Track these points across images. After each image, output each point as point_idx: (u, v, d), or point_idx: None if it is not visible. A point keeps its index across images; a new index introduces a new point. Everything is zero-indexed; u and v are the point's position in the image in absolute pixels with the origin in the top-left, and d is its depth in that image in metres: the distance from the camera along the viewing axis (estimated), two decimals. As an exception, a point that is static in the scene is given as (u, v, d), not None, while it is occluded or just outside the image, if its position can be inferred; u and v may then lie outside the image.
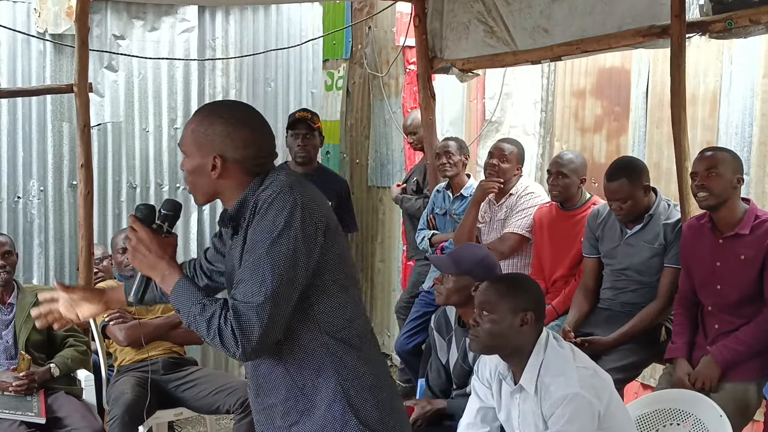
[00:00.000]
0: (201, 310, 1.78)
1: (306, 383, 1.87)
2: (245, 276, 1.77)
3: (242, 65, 5.35)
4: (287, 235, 1.76)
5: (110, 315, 3.85)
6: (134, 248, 1.91)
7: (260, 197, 1.83)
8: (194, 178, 1.94)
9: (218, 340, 1.75)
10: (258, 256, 1.76)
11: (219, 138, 1.89)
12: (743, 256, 3.06)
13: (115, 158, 5.04)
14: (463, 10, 4.47)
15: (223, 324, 1.74)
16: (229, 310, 1.75)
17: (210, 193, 1.95)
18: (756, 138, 4.02)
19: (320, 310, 1.86)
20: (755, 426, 3.53)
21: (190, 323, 1.81)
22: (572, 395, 2.31)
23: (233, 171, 1.90)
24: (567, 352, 2.46)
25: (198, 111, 2.01)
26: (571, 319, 3.68)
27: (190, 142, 1.93)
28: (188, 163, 1.94)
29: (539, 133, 5.32)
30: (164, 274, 1.87)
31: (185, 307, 1.81)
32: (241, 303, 1.75)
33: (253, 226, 1.81)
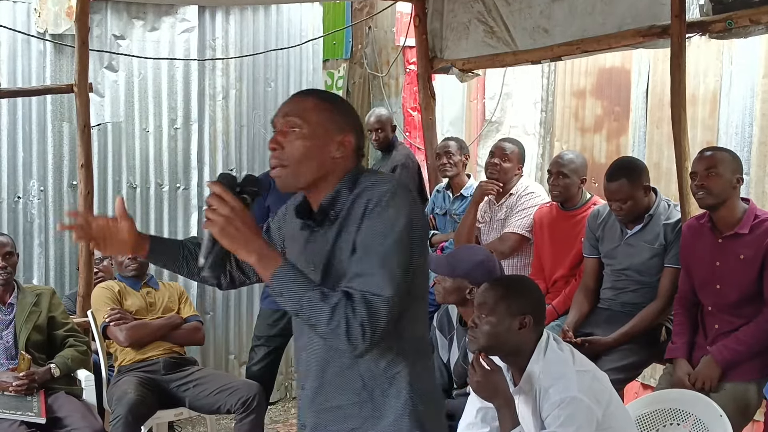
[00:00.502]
0: (321, 296, 1.66)
1: (376, 389, 1.80)
2: (369, 269, 1.68)
3: (242, 65, 5.35)
4: (409, 233, 1.72)
5: (111, 316, 3.85)
6: (227, 219, 1.66)
7: (372, 193, 1.75)
8: (305, 156, 1.79)
9: (343, 329, 1.65)
10: (385, 249, 1.69)
11: (353, 120, 1.85)
12: (743, 255, 3.06)
13: (115, 158, 5.04)
14: (463, 10, 4.47)
15: (351, 314, 1.65)
16: (356, 300, 1.66)
17: (315, 176, 1.81)
18: (756, 138, 4.02)
19: (407, 316, 1.79)
20: (755, 426, 3.53)
21: (301, 310, 1.68)
22: (570, 398, 2.31)
23: (350, 157, 1.83)
24: (567, 355, 2.45)
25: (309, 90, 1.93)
26: (571, 320, 3.68)
27: (313, 116, 1.79)
28: (300, 138, 1.79)
29: (539, 133, 5.33)
30: (262, 254, 1.68)
31: (296, 292, 1.67)
32: (369, 294, 1.66)
33: (371, 219, 1.72)
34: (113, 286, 4.02)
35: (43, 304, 3.78)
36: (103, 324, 3.88)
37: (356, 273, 1.70)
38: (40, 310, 3.75)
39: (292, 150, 1.80)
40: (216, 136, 5.32)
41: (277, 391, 5.31)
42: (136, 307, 3.98)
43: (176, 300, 4.13)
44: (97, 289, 4.04)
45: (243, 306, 5.50)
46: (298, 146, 1.79)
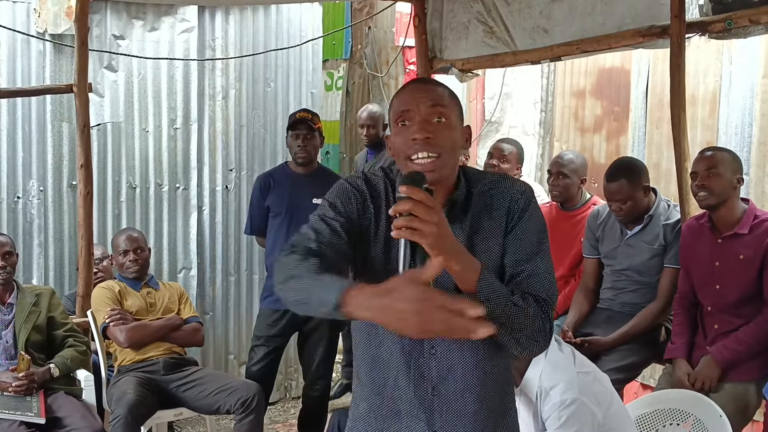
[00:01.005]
0: (523, 300, 1.62)
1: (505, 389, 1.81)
2: (542, 270, 1.67)
3: (242, 65, 5.35)
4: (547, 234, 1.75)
5: (111, 316, 3.85)
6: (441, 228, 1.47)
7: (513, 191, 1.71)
8: (454, 145, 1.71)
9: (543, 332, 1.64)
10: (544, 250, 1.69)
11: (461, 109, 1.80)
12: (742, 255, 3.06)
13: (114, 158, 5.03)
14: (463, 10, 4.47)
15: (545, 316, 1.64)
16: (542, 302, 1.64)
17: (454, 167, 1.73)
18: (756, 138, 4.03)
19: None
20: (755, 426, 3.54)
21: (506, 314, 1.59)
22: (571, 400, 2.31)
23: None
24: (568, 356, 2.45)
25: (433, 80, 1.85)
26: (571, 320, 3.68)
27: (452, 106, 1.73)
28: (449, 128, 1.70)
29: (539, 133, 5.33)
30: (467, 261, 1.56)
31: (502, 297, 1.59)
32: (550, 296, 1.66)
33: (525, 220, 1.69)
34: (113, 286, 4.02)
35: (42, 304, 3.78)
36: (103, 324, 3.88)
37: (530, 273, 1.66)
38: (39, 310, 3.75)
39: (443, 140, 1.68)
40: (216, 136, 5.32)
41: (276, 391, 5.31)
42: (136, 307, 3.98)
43: (176, 300, 4.13)
44: (98, 289, 4.04)
45: (243, 306, 5.50)
46: (447, 136, 1.69)
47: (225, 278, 5.41)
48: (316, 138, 4.18)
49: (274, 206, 4.21)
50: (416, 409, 1.74)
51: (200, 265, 5.31)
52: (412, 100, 1.72)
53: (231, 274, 5.44)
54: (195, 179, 5.25)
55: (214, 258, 5.36)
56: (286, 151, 4.65)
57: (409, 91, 1.76)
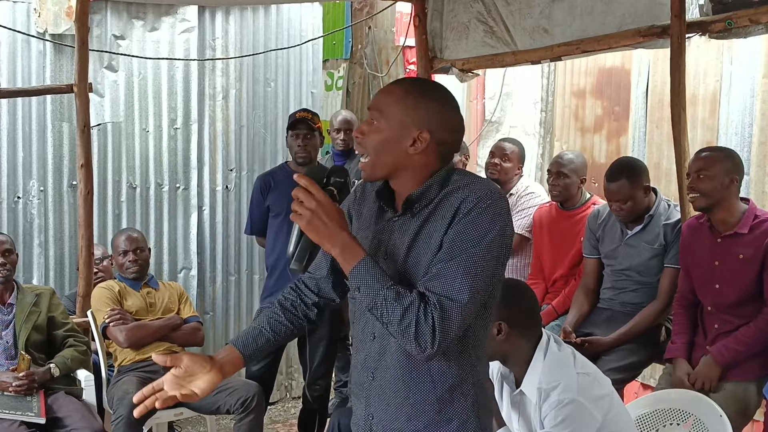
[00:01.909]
0: (396, 296, 1.66)
1: (444, 392, 1.78)
2: (451, 272, 1.66)
3: (242, 65, 5.35)
4: (500, 242, 1.70)
5: (111, 316, 3.85)
6: (313, 212, 1.67)
7: (468, 192, 1.72)
8: (382, 149, 1.78)
9: (412, 331, 1.64)
10: (471, 254, 1.66)
11: (433, 112, 1.79)
12: (742, 255, 3.06)
13: (115, 158, 5.03)
14: (463, 10, 4.47)
15: (423, 317, 1.63)
16: (429, 303, 1.64)
17: (392, 168, 1.80)
18: (756, 138, 4.02)
19: (477, 323, 1.77)
20: (755, 426, 3.54)
21: (374, 306, 1.68)
22: (569, 400, 2.30)
23: (431, 152, 1.79)
24: (568, 357, 2.44)
25: (403, 82, 1.89)
26: (571, 319, 3.68)
27: (392, 111, 1.78)
28: (377, 132, 1.79)
29: (539, 133, 5.33)
30: (345, 247, 1.69)
31: (372, 288, 1.67)
32: (446, 299, 1.64)
33: (464, 223, 1.69)
34: (113, 286, 4.02)
35: (42, 304, 3.78)
36: (103, 324, 3.88)
37: (436, 274, 1.68)
38: (39, 310, 3.75)
39: (370, 141, 1.80)
40: (216, 136, 5.32)
41: (276, 390, 5.31)
42: (136, 307, 3.98)
43: (176, 300, 4.13)
44: (98, 289, 4.04)
45: (243, 306, 5.50)
46: (373, 139, 1.79)
47: (225, 278, 5.41)
48: (316, 138, 4.18)
49: (275, 206, 4.20)
50: (360, 390, 1.90)
51: (200, 265, 5.31)
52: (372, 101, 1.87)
53: (231, 273, 5.44)
54: (195, 179, 5.26)
55: (214, 258, 5.36)
56: (286, 151, 4.65)
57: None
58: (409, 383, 1.79)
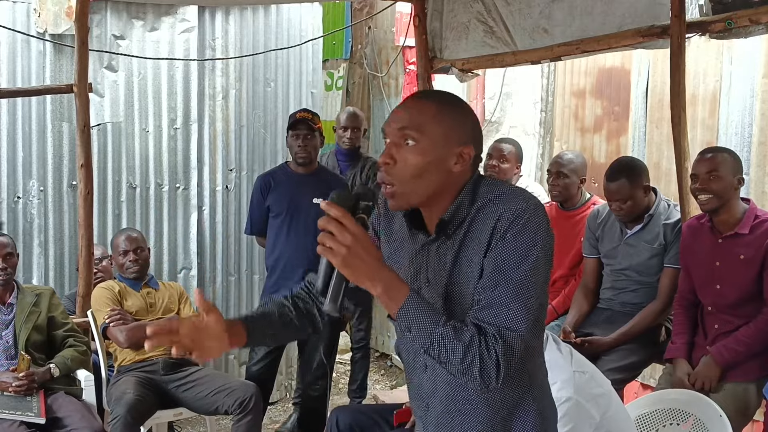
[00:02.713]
0: (455, 331, 1.52)
1: (506, 414, 1.69)
2: (503, 300, 1.54)
3: (242, 65, 5.35)
4: (545, 258, 1.58)
5: (111, 317, 3.85)
6: (349, 249, 1.48)
7: (503, 209, 1.58)
8: (423, 171, 1.61)
9: (477, 368, 1.52)
10: (520, 278, 1.54)
11: (472, 126, 1.67)
12: (743, 255, 3.06)
13: (115, 158, 5.03)
14: (463, 10, 4.47)
15: (485, 351, 1.51)
16: (489, 336, 1.52)
17: (433, 191, 1.63)
18: (756, 138, 4.02)
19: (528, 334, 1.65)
20: (755, 426, 3.53)
21: (431, 345, 1.53)
22: (565, 399, 2.31)
23: (469, 167, 1.66)
24: (565, 356, 2.45)
25: (429, 95, 1.75)
26: (570, 319, 3.68)
27: (433, 128, 1.61)
28: (417, 153, 1.60)
29: (539, 133, 5.33)
30: (389, 286, 1.53)
31: (425, 328, 1.53)
32: (505, 330, 1.52)
33: (505, 243, 1.56)
34: (113, 287, 4.02)
35: (42, 304, 3.78)
36: (103, 324, 3.88)
37: (487, 303, 1.56)
38: (39, 311, 3.75)
39: (405, 167, 1.61)
40: (216, 136, 5.32)
41: (276, 391, 5.31)
42: (136, 307, 3.98)
43: (176, 300, 4.13)
44: (98, 290, 4.04)
45: (243, 306, 5.50)
46: (412, 162, 1.61)
47: (225, 278, 5.41)
48: (317, 138, 4.18)
49: (275, 206, 4.20)
50: (419, 420, 1.80)
51: (200, 265, 5.30)
52: (390, 117, 1.68)
53: (231, 274, 5.44)
54: (195, 179, 5.26)
55: (214, 258, 5.36)
56: (286, 151, 4.64)
57: (398, 106, 1.72)
58: (465, 414, 1.71)
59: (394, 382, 5.98)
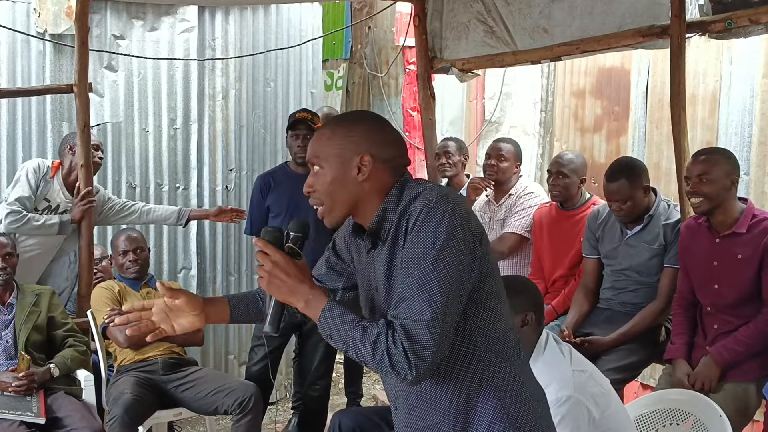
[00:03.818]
0: (362, 332, 1.64)
1: (463, 403, 1.75)
2: (409, 293, 1.64)
3: (242, 65, 5.35)
4: (450, 247, 1.64)
5: (110, 316, 3.85)
6: (270, 273, 1.72)
7: (412, 208, 1.70)
8: (333, 189, 1.78)
9: (387, 362, 1.61)
10: (422, 270, 1.63)
11: (364, 136, 1.78)
12: (740, 255, 3.06)
13: (114, 158, 5.03)
14: (463, 10, 4.47)
15: (392, 345, 1.61)
16: (395, 329, 1.61)
17: (351, 203, 1.79)
18: (756, 138, 4.02)
19: (476, 323, 1.73)
20: (755, 426, 3.53)
21: (347, 348, 1.66)
22: (566, 398, 2.31)
23: (380, 172, 1.78)
24: (565, 354, 2.45)
25: (327, 123, 1.90)
26: (570, 320, 3.68)
27: (328, 151, 1.78)
28: (324, 176, 1.79)
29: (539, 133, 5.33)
30: (308, 299, 1.71)
31: (340, 332, 1.66)
32: (409, 321, 1.61)
33: (410, 240, 1.67)
34: (113, 287, 4.02)
35: (42, 304, 3.78)
36: (103, 325, 3.88)
37: (399, 298, 1.66)
38: (39, 310, 3.75)
39: (321, 189, 1.80)
40: (216, 136, 5.32)
41: (276, 390, 5.31)
42: (135, 307, 3.97)
43: (176, 300, 4.12)
44: (97, 290, 4.04)
45: (243, 306, 5.50)
46: (322, 184, 1.79)
47: (225, 278, 5.41)
48: None
49: (274, 206, 4.21)
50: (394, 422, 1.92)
51: (200, 265, 5.30)
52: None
53: (231, 274, 5.44)
54: (195, 179, 5.26)
55: (214, 258, 5.36)
56: (286, 151, 4.64)
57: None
58: (426, 408, 1.78)
59: (394, 382, 5.97)
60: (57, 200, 4.25)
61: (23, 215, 4.07)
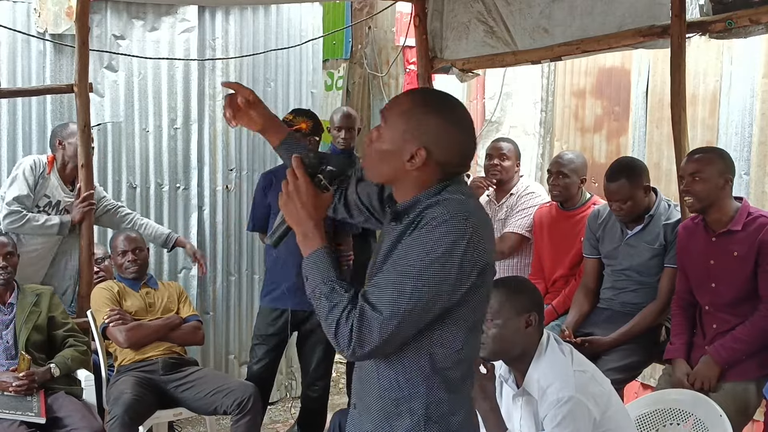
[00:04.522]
0: (330, 291, 1.70)
1: (392, 403, 1.79)
2: (384, 282, 1.68)
3: (242, 65, 5.35)
4: (442, 263, 1.66)
5: (110, 317, 3.85)
6: (289, 195, 1.77)
7: (433, 210, 1.72)
8: (383, 156, 1.80)
9: (333, 330, 1.68)
10: (406, 271, 1.67)
11: (433, 130, 1.77)
12: (736, 252, 3.07)
13: (115, 158, 5.03)
14: (464, 10, 4.47)
15: (344, 319, 1.67)
16: (355, 308, 1.67)
17: (389, 178, 1.83)
18: (756, 138, 4.02)
19: (436, 341, 1.74)
20: (755, 425, 3.54)
21: (313, 296, 1.74)
22: (567, 398, 2.31)
23: (429, 169, 1.78)
24: (566, 355, 2.45)
25: (415, 93, 1.90)
26: (570, 320, 3.68)
27: (399, 121, 1.78)
28: (384, 140, 1.79)
29: (539, 133, 5.33)
30: (306, 235, 1.77)
31: (313, 280, 1.73)
32: (369, 308, 1.67)
33: (412, 237, 1.70)
34: (112, 287, 4.02)
35: (43, 304, 3.78)
36: (103, 325, 3.88)
37: (375, 281, 1.71)
38: (40, 310, 3.75)
39: (371, 150, 1.83)
40: (216, 136, 5.32)
41: (277, 390, 5.31)
42: (135, 307, 3.98)
43: (175, 300, 4.13)
44: (96, 290, 4.04)
45: (243, 306, 5.50)
46: (376, 147, 1.82)
47: (225, 278, 5.41)
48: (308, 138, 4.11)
49: (275, 204, 4.19)
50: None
51: (200, 265, 5.30)
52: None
53: (231, 273, 5.44)
54: (195, 179, 5.25)
55: (214, 258, 5.36)
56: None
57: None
58: (366, 385, 1.85)
59: (394, 382, 5.97)
60: (57, 196, 4.24)
61: (23, 215, 4.06)
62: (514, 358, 2.49)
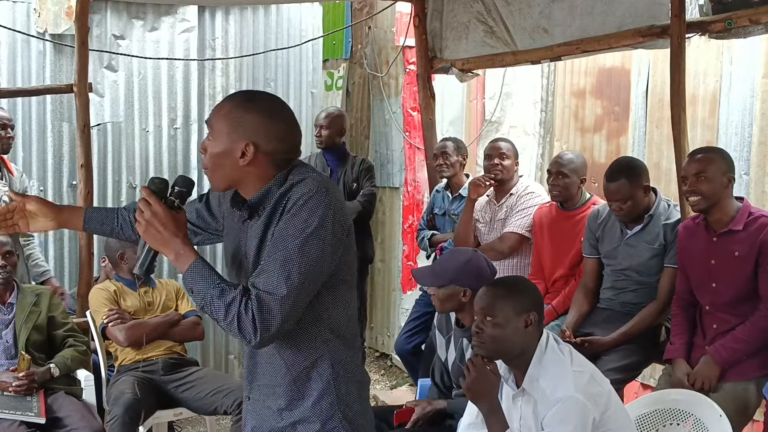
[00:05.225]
0: (220, 293, 1.79)
1: (300, 373, 1.93)
2: (271, 267, 1.79)
3: (242, 65, 5.35)
4: (318, 236, 1.81)
5: (109, 317, 3.85)
6: (148, 222, 1.84)
7: (292, 192, 1.85)
8: (218, 161, 1.91)
9: (236, 325, 1.77)
10: (288, 250, 1.79)
11: (253, 126, 1.88)
12: (737, 252, 3.06)
13: (115, 158, 5.04)
14: (463, 10, 4.47)
15: (243, 311, 1.77)
16: (250, 298, 1.78)
17: (232, 179, 1.93)
18: (756, 138, 4.02)
19: (327, 306, 1.91)
20: (755, 425, 3.53)
21: (204, 305, 1.82)
22: (566, 398, 2.31)
23: (261, 162, 1.90)
24: (565, 355, 2.45)
25: (233, 96, 2.01)
26: (570, 320, 3.68)
27: (222, 124, 1.90)
28: (214, 145, 1.91)
29: (539, 133, 5.32)
30: (178, 253, 1.85)
31: (201, 289, 1.81)
32: (263, 293, 1.78)
33: (284, 221, 1.83)
34: (109, 287, 4.02)
35: (42, 304, 3.78)
36: (102, 325, 3.88)
37: (261, 269, 1.82)
38: (39, 310, 3.75)
39: (207, 158, 1.93)
40: (216, 136, 5.31)
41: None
42: (134, 307, 3.98)
43: (174, 297, 4.13)
44: (94, 290, 4.04)
45: (243, 306, 5.50)
46: (210, 153, 1.92)
47: (225, 278, 5.40)
48: None
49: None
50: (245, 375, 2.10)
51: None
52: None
53: (231, 274, 5.43)
54: (195, 179, 5.23)
55: (214, 257, 5.36)
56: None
57: None
58: (267, 369, 1.97)
59: (393, 382, 5.98)
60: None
61: None
62: (513, 357, 2.49)
